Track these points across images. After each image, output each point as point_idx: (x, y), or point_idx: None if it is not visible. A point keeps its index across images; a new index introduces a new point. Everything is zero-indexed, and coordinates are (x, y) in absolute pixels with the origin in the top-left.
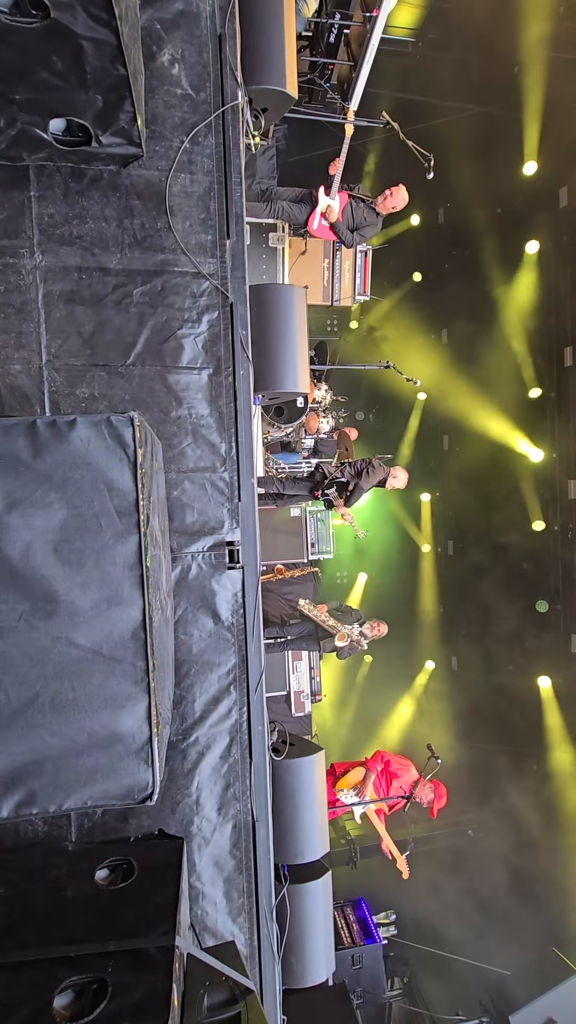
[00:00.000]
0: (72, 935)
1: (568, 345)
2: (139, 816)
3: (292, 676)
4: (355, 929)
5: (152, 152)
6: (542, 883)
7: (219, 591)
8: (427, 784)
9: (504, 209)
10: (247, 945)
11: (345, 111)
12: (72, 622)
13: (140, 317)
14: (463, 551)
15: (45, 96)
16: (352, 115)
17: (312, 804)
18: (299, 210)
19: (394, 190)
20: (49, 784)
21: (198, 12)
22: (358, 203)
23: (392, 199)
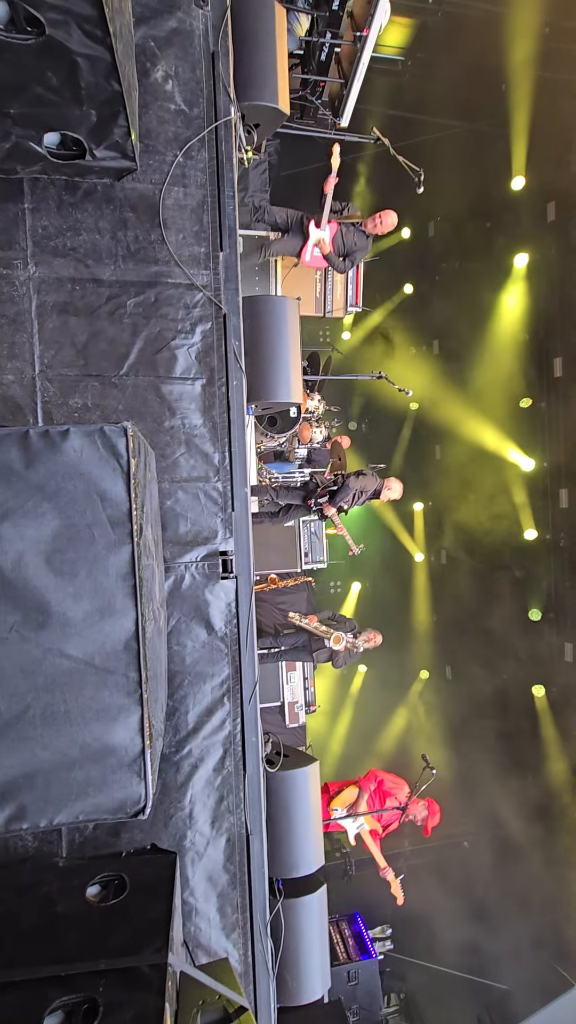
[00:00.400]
0: (62, 953)
1: (558, 356)
2: (131, 830)
3: (286, 687)
4: (351, 944)
5: (146, 166)
6: (539, 895)
7: (212, 601)
8: (420, 802)
9: (493, 223)
10: (241, 962)
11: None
12: (64, 633)
13: (133, 328)
14: (456, 560)
15: (40, 111)
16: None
17: (307, 816)
18: (292, 245)
19: (384, 214)
20: (40, 798)
21: (191, 30)
22: (347, 227)
23: (382, 224)
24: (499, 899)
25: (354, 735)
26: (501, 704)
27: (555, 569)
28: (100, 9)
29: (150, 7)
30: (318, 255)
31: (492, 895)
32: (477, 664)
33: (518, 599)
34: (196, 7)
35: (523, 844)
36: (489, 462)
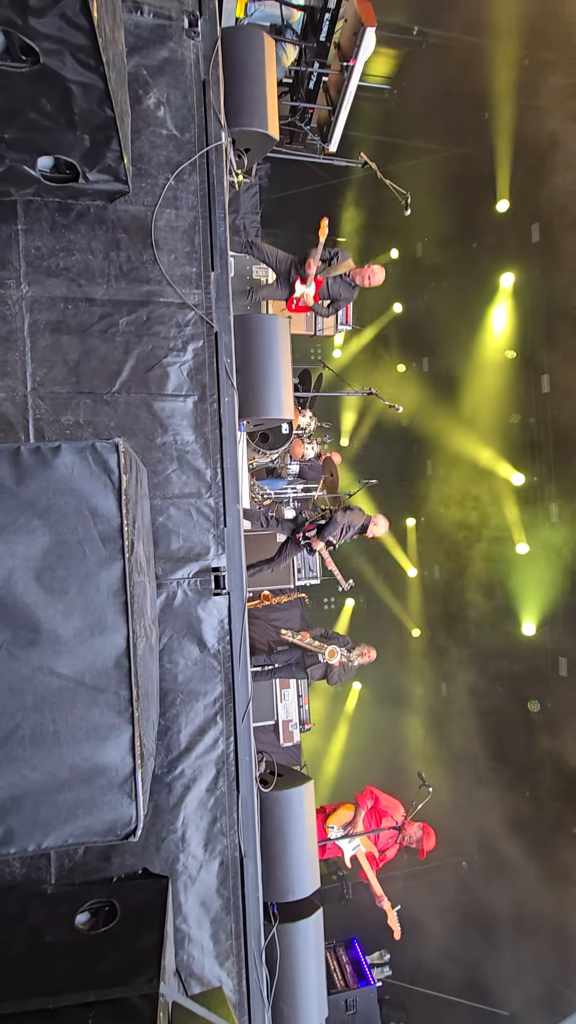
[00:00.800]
0: (50, 985)
1: (545, 372)
2: (122, 855)
3: (280, 705)
4: (348, 971)
5: (138, 188)
6: (541, 916)
7: (205, 618)
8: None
9: (479, 243)
10: (235, 991)
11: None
12: (54, 651)
13: (126, 346)
14: (449, 575)
15: (34, 135)
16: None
17: (302, 837)
18: (279, 294)
19: (373, 271)
20: (28, 821)
21: (183, 60)
22: (334, 280)
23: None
24: (500, 921)
25: (349, 753)
26: (497, 720)
27: (548, 583)
28: (93, 39)
29: (143, 37)
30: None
31: (492, 917)
32: (472, 680)
33: (512, 614)
34: (187, 38)
35: (522, 863)
36: (480, 477)
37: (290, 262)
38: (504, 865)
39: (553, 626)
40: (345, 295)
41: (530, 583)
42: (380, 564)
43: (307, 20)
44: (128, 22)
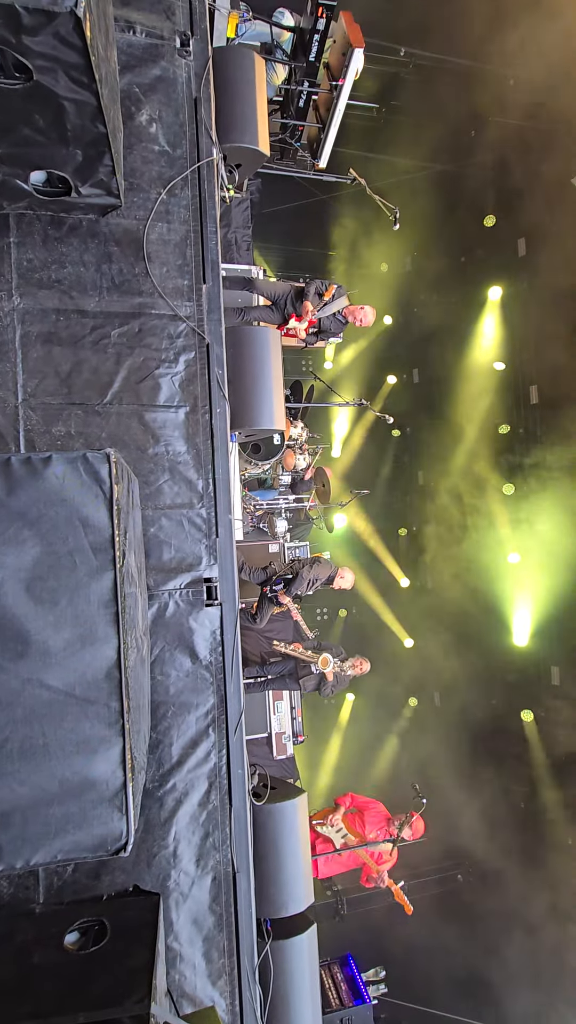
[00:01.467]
0: (39, 1008)
1: (533, 384)
2: (112, 872)
3: (273, 717)
4: (343, 989)
5: (130, 202)
6: (537, 930)
7: (197, 629)
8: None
9: (467, 258)
10: (228, 1011)
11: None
12: (44, 663)
13: (117, 357)
14: (441, 585)
15: (27, 150)
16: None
17: (296, 851)
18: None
19: (366, 313)
20: (17, 837)
21: (175, 78)
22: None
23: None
24: (496, 934)
25: (343, 765)
26: (491, 729)
27: (539, 592)
28: (86, 57)
29: (135, 56)
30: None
31: (489, 930)
32: (465, 690)
33: (504, 623)
34: (179, 57)
35: (519, 876)
36: (471, 487)
37: (287, 295)
38: (500, 878)
39: (545, 635)
40: (334, 329)
41: (521, 593)
42: (372, 574)
43: (297, 41)
44: (121, 41)
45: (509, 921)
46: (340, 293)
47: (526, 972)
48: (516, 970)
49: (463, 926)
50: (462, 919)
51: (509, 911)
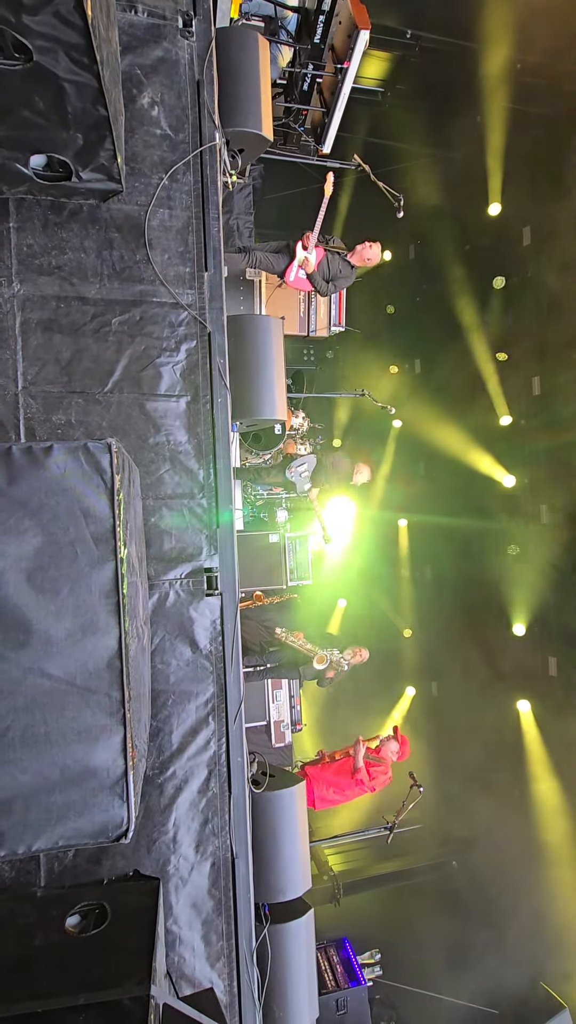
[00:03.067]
0: (39, 988)
1: (536, 375)
2: (113, 857)
3: (272, 705)
4: (339, 971)
5: (132, 188)
6: (529, 916)
7: (197, 619)
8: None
9: (471, 247)
10: (226, 992)
11: (319, 152)
12: (45, 652)
13: (118, 345)
14: (441, 576)
15: (26, 133)
16: (331, 183)
17: (294, 837)
18: (277, 260)
19: (370, 245)
20: (18, 823)
21: (177, 59)
22: (333, 255)
23: (368, 252)
24: (488, 920)
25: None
26: (487, 720)
27: (537, 584)
28: (87, 38)
29: (137, 36)
30: (303, 276)
31: (482, 916)
32: (463, 680)
33: (502, 614)
34: (182, 38)
35: (512, 864)
36: (471, 478)
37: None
38: (495, 865)
39: (543, 626)
40: (345, 272)
41: (520, 584)
42: (372, 565)
43: (302, 22)
44: (122, 21)
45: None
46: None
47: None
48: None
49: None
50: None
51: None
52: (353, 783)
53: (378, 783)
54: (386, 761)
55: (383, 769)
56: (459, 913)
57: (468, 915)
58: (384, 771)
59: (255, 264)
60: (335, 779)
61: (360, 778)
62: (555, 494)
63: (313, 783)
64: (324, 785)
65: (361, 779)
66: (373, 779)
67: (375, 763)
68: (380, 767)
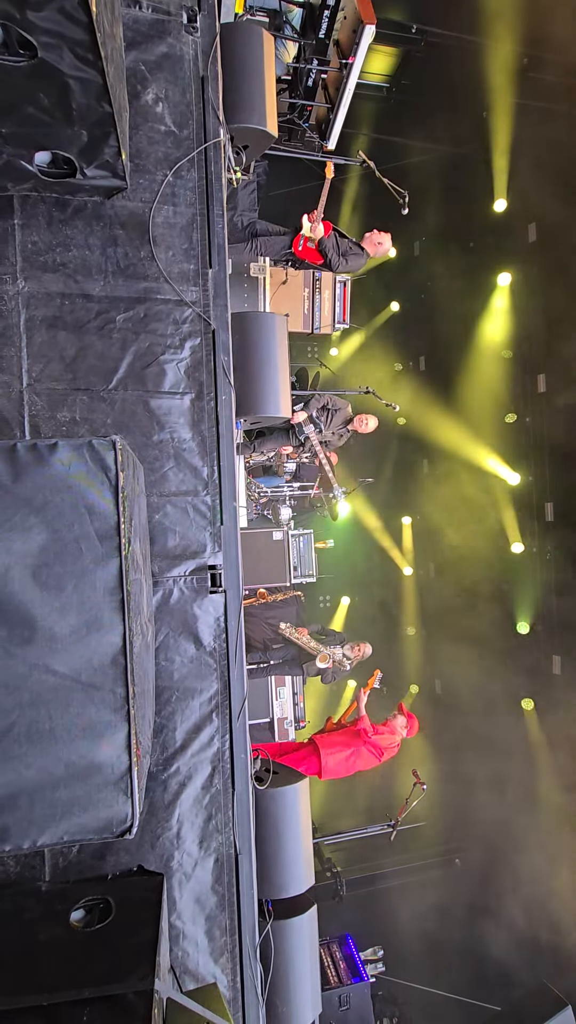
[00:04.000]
0: (44, 982)
1: (541, 372)
2: (117, 852)
3: (275, 702)
4: (342, 967)
5: (136, 184)
6: (531, 914)
7: (201, 616)
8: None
9: (477, 243)
10: (230, 987)
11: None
12: (50, 648)
13: (123, 343)
14: (444, 574)
15: (31, 130)
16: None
17: (297, 835)
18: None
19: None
20: (23, 819)
21: (181, 55)
22: (342, 236)
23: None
24: (491, 918)
25: None
26: (491, 718)
27: (542, 582)
28: (92, 34)
29: (141, 32)
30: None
31: (484, 914)
32: (466, 678)
33: (506, 612)
34: (186, 33)
35: (514, 861)
36: (476, 476)
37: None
38: (498, 863)
39: (547, 624)
40: (355, 251)
41: (525, 582)
42: (375, 563)
43: (306, 17)
44: (126, 17)
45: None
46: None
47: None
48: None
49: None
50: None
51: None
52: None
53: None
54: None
55: (390, 730)
56: (462, 910)
57: (471, 912)
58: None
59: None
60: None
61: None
62: (560, 491)
63: (321, 749)
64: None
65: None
66: (378, 734)
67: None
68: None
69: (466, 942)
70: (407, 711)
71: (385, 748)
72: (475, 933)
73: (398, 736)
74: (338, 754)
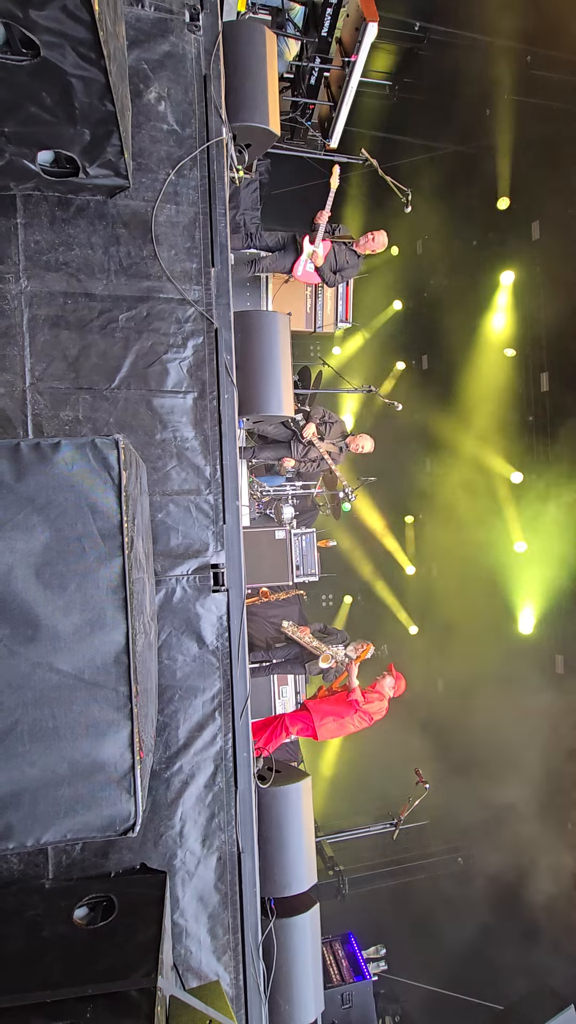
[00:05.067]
0: (48, 979)
1: (544, 371)
2: (120, 850)
3: (278, 701)
4: (344, 965)
5: (138, 183)
6: (534, 913)
7: (204, 614)
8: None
9: (479, 241)
10: (232, 985)
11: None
12: (53, 647)
13: (125, 342)
14: (447, 573)
15: (34, 129)
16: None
17: (299, 833)
18: (283, 259)
19: (375, 234)
20: (27, 817)
21: (184, 54)
22: (340, 246)
23: (373, 243)
24: (493, 917)
25: (346, 749)
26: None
27: (545, 582)
28: (94, 32)
29: (144, 31)
30: (310, 270)
31: (486, 913)
32: (469, 677)
33: (509, 611)
34: (189, 32)
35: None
36: (479, 475)
37: (294, 233)
38: (500, 862)
39: (550, 624)
40: (352, 262)
41: (527, 581)
42: (378, 562)
43: (309, 14)
44: (129, 15)
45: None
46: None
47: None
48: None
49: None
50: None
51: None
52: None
53: (373, 708)
54: (383, 695)
55: (379, 696)
56: (464, 909)
57: (473, 911)
58: (380, 698)
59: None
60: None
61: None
62: (563, 490)
63: (313, 715)
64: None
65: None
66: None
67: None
68: (376, 695)
69: (468, 940)
70: (396, 672)
71: (375, 713)
72: (477, 932)
73: (386, 699)
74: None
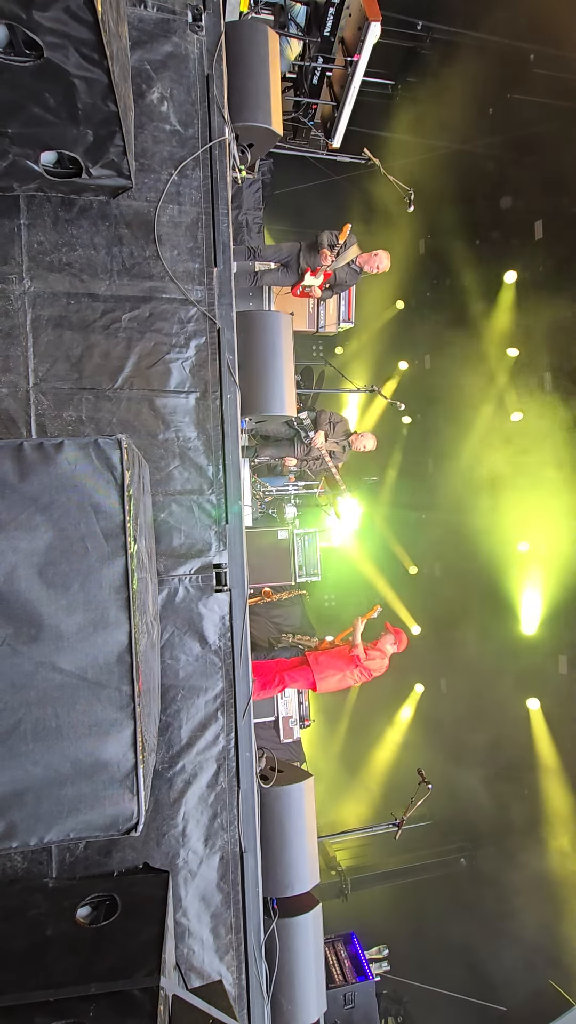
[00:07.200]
0: (51, 978)
1: (547, 371)
2: (123, 849)
3: (280, 701)
4: (347, 966)
5: (141, 184)
6: (537, 913)
7: (206, 614)
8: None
9: (482, 241)
10: (235, 985)
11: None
12: (56, 646)
13: (128, 342)
14: (450, 572)
15: (37, 130)
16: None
17: (302, 833)
18: (284, 278)
19: (381, 255)
20: (30, 816)
21: (186, 54)
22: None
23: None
24: (496, 917)
25: (349, 749)
26: (496, 717)
27: (549, 582)
28: (97, 33)
29: (146, 32)
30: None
31: (489, 913)
32: (472, 677)
33: (512, 611)
34: (191, 32)
35: (519, 861)
36: (482, 475)
37: (297, 250)
38: (503, 863)
39: (553, 624)
40: (349, 280)
41: (531, 581)
42: (381, 561)
43: (311, 14)
44: (132, 16)
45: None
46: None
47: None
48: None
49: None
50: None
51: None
52: (351, 663)
53: (374, 666)
54: (385, 653)
55: (380, 655)
56: (467, 909)
57: (476, 912)
58: (382, 656)
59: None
60: (333, 661)
61: (356, 654)
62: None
63: (313, 667)
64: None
65: (357, 655)
66: (370, 660)
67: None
68: (378, 652)
69: (472, 941)
70: (394, 628)
71: (375, 670)
72: (480, 932)
73: (387, 656)
74: (330, 678)
